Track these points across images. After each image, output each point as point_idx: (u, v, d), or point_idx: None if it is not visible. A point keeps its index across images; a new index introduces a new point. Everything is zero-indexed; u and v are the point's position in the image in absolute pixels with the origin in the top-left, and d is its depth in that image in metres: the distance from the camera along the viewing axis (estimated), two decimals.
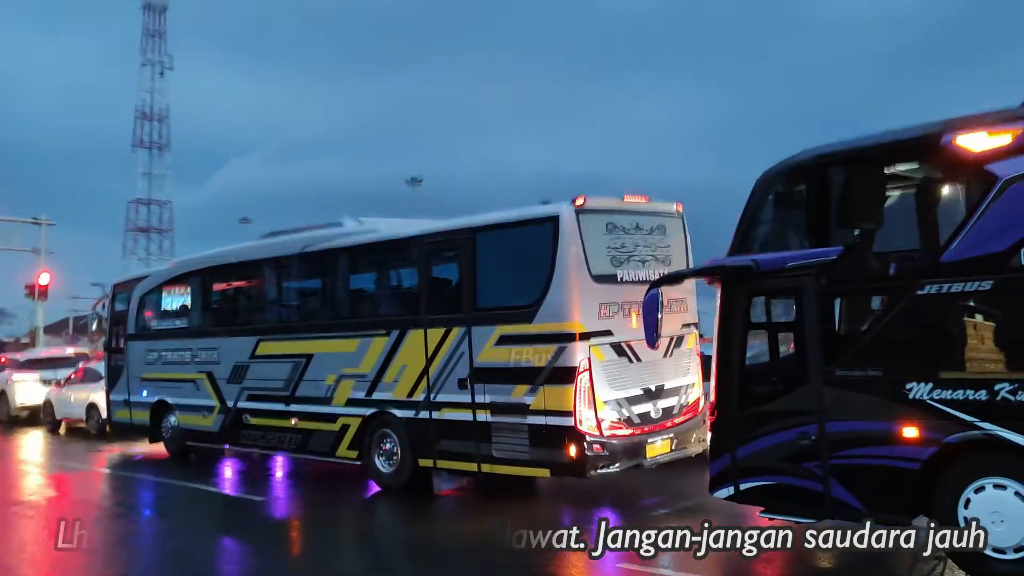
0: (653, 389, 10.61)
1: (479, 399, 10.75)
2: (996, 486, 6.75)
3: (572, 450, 9.87)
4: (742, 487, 8.12)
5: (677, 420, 10.87)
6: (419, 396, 11.48)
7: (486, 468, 10.81)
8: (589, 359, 9.91)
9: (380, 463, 12.13)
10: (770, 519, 8.14)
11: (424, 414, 11.42)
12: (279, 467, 15.27)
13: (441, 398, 11.22)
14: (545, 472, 10.33)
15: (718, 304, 8.29)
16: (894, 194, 7.77)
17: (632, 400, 10.35)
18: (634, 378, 10.42)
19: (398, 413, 11.75)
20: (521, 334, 10.32)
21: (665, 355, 10.81)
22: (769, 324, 8.15)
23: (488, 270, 10.88)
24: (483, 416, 10.71)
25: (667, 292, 10.66)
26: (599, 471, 9.94)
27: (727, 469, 8.21)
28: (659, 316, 8.57)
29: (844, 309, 7.75)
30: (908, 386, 7.06)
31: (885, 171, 7.63)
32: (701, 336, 11.66)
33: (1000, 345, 6.65)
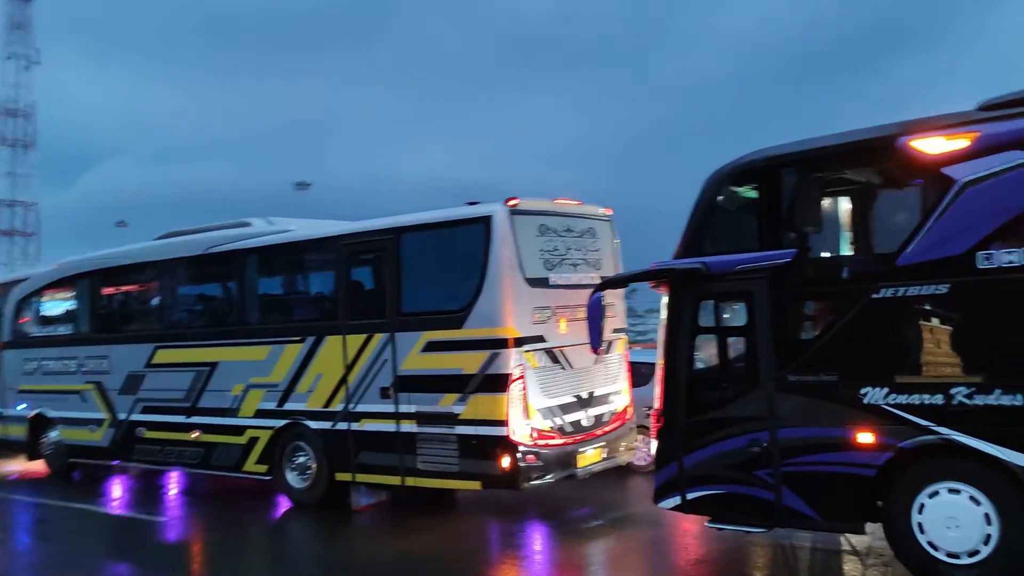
0: (585, 396, 10.32)
1: (403, 409, 10.21)
2: (951, 491, 6.71)
3: (505, 461, 9.45)
4: (689, 496, 7.88)
5: (607, 428, 10.60)
6: (337, 406, 10.84)
7: (410, 481, 10.27)
8: (523, 366, 9.52)
9: (292, 478, 11.41)
10: (719, 529, 7.97)
11: (342, 425, 10.79)
12: (175, 484, 14.24)
13: (361, 408, 10.61)
14: (475, 485, 9.87)
15: (664, 308, 8.05)
16: (849, 196, 7.70)
17: (565, 408, 10.03)
18: (566, 385, 10.10)
19: (313, 425, 11.07)
20: (450, 340, 9.85)
21: (596, 361, 10.54)
22: (718, 328, 7.94)
23: (414, 273, 10.36)
24: (408, 427, 10.18)
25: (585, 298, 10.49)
26: (532, 483, 9.55)
27: (673, 478, 7.97)
28: (603, 320, 8.29)
29: (797, 313, 7.62)
30: (863, 391, 6.97)
31: (839, 173, 7.57)
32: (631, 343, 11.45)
33: (957, 349, 6.61)
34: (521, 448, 9.45)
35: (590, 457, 10.26)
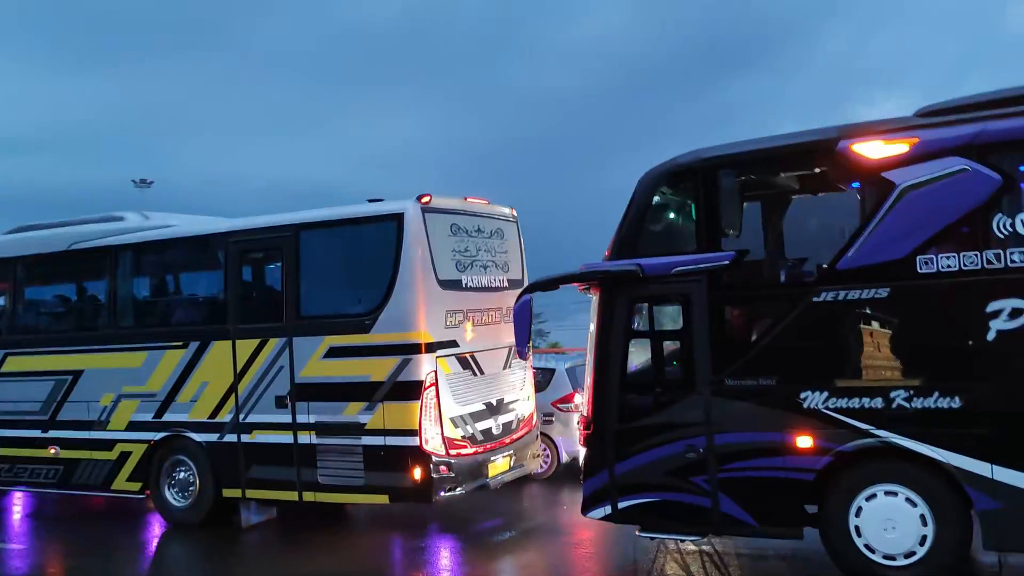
0: (494, 403, 9.94)
1: (302, 419, 9.50)
2: (888, 493, 6.76)
3: (416, 472, 8.93)
4: (621, 506, 7.64)
5: (516, 436, 10.26)
6: (224, 417, 9.97)
7: (309, 497, 9.56)
8: (435, 372, 9.03)
9: (172, 496, 10.43)
10: (651, 538, 7.78)
11: (231, 437, 9.93)
12: (19, 504, 12.80)
13: (253, 419, 9.80)
14: (383, 498, 9.28)
15: (596, 311, 7.79)
16: (788, 199, 7.68)
17: (476, 416, 9.60)
18: (477, 392, 9.68)
19: (197, 437, 10.15)
20: (356, 345, 9.24)
21: (504, 367, 10.19)
22: (653, 332, 7.75)
23: (315, 273, 9.67)
24: (306, 438, 9.47)
25: (500, 300, 10.15)
26: (445, 494, 9.07)
27: (604, 487, 7.71)
28: (531, 324, 7.95)
29: (736, 316, 7.52)
30: (803, 395, 6.94)
31: (778, 176, 7.54)
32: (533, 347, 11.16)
33: (896, 352, 6.66)
34: (434, 458, 8.95)
35: (500, 466, 9.88)
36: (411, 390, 8.96)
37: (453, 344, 9.31)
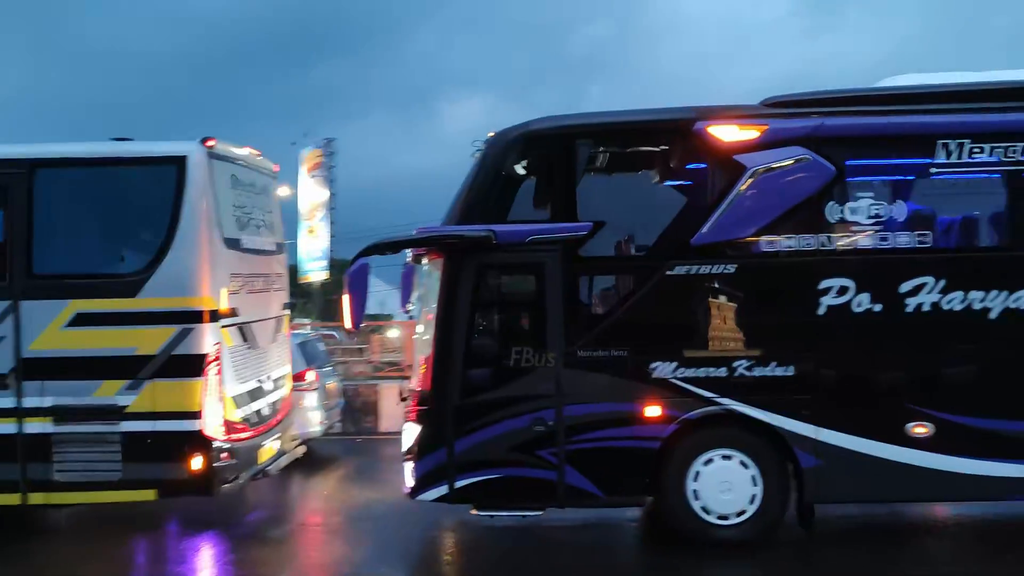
0: (266, 381, 8.85)
1: (31, 403, 7.64)
2: (724, 457, 7.20)
3: (196, 461, 7.62)
4: (459, 484, 7.23)
5: (280, 417, 9.24)
6: None
7: (37, 499, 7.75)
8: (219, 345, 7.79)
9: None
10: (491, 516, 7.47)
11: None
12: None
13: None
14: (148, 494, 7.76)
15: (440, 279, 7.26)
16: (646, 173, 7.75)
17: (252, 395, 8.47)
18: (253, 368, 8.54)
19: None
20: (117, 312, 7.64)
21: (272, 341, 9.13)
22: (503, 301, 7.42)
23: (55, 223, 7.81)
24: (37, 427, 7.64)
25: (268, 266, 9.14)
26: (228, 485, 7.88)
27: (441, 466, 7.24)
28: (367, 293, 7.19)
29: (590, 287, 7.46)
30: (653, 365, 7.12)
31: (636, 149, 7.60)
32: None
33: (740, 325, 7.11)
34: (215, 444, 7.71)
35: (269, 450, 8.83)
36: (192, 365, 7.64)
37: (234, 313, 8.11)
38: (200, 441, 7.64)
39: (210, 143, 7.84)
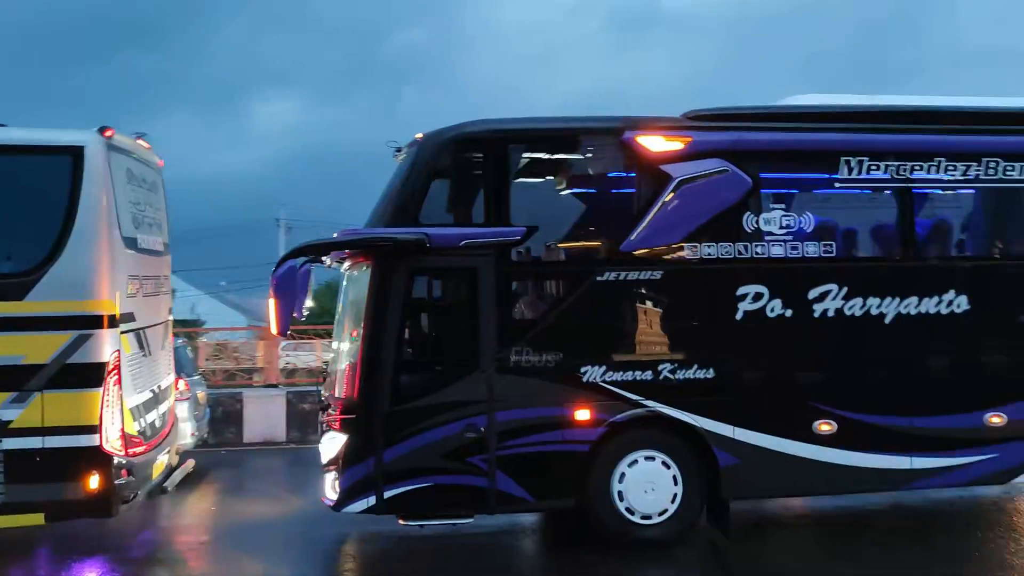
0: (158, 391, 8.26)
1: None
2: (647, 458, 7.39)
3: (93, 480, 6.97)
4: (387, 495, 7.05)
5: (167, 429, 8.64)
6: None
7: None
8: (119, 352, 7.19)
9: None
10: (420, 527, 7.30)
11: None
12: None
13: None
14: (34, 518, 7.00)
15: (370, 283, 7.04)
16: (576, 179, 7.78)
17: (147, 406, 7.88)
18: (148, 377, 7.95)
19: None
20: (0, 316, 6.90)
21: (161, 348, 8.53)
22: (434, 306, 7.26)
23: None
24: None
25: (159, 268, 8.60)
26: (128, 503, 7.28)
27: (368, 477, 7.04)
28: (295, 295, 6.86)
29: (522, 292, 7.43)
30: (583, 370, 7.23)
31: (568, 156, 7.64)
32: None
33: (665, 329, 7.34)
34: (116, 460, 7.11)
35: (161, 465, 8.25)
36: (89, 375, 6.99)
37: (132, 318, 7.52)
38: (98, 457, 7.00)
39: (108, 133, 7.22)
